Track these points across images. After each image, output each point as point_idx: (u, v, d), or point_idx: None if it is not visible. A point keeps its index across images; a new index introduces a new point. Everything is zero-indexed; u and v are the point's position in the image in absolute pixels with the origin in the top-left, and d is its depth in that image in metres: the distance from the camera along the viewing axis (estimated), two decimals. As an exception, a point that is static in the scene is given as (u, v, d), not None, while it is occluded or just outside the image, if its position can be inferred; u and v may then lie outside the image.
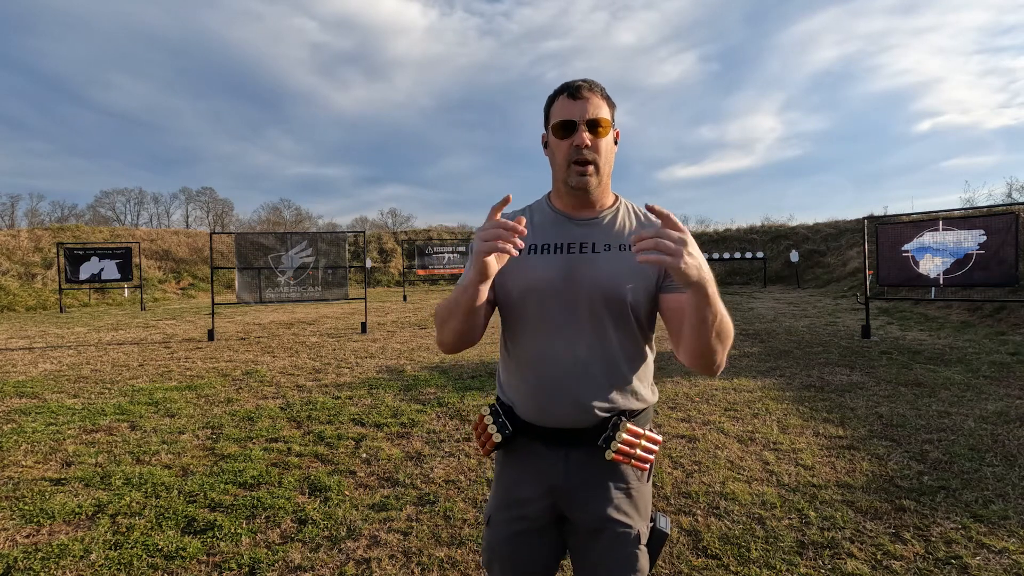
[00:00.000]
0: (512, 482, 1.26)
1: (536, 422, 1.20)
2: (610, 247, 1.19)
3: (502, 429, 1.22)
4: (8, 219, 45.40)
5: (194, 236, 24.76)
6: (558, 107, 1.18)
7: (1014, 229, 7.13)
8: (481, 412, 1.28)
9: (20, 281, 16.88)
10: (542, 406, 1.18)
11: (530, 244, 1.22)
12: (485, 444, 1.25)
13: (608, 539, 1.19)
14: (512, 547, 1.25)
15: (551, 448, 1.21)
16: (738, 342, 8.05)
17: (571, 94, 1.16)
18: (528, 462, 1.24)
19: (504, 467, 1.29)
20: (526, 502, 1.24)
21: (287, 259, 10.00)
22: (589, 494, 1.20)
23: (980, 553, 2.39)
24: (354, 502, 3.00)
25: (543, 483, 1.22)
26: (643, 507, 1.24)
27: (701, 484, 3.15)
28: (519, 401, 1.23)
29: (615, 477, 1.20)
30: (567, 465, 1.20)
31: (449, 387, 5.52)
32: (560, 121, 1.16)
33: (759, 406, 4.68)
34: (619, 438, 1.16)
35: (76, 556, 2.46)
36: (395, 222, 49.17)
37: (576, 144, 1.14)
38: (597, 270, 1.17)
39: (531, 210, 1.30)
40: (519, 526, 1.24)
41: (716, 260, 21.97)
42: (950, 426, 4.03)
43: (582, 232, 1.21)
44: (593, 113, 1.15)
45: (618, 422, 1.17)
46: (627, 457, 1.16)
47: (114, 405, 4.97)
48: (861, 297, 8.84)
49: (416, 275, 23.30)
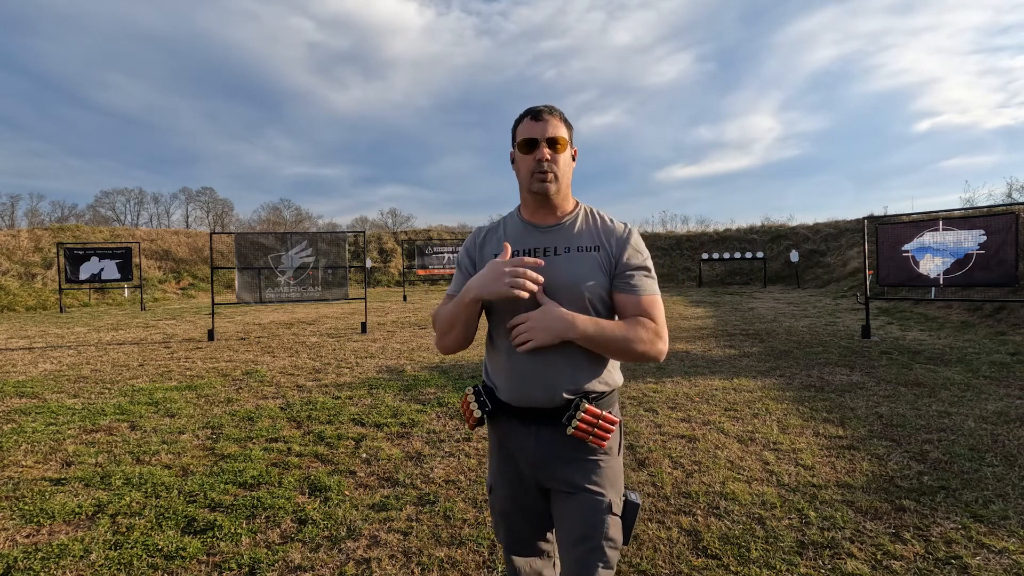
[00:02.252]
0: (501, 455, 1.47)
1: (513, 402, 1.39)
2: (569, 249, 1.39)
3: (482, 407, 1.42)
4: (8, 219, 45.42)
5: (194, 236, 24.76)
6: (523, 128, 1.39)
7: (1014, 229, 7.13)
8: (466, 391, 1.47)
9: (20, 281, 16.88)
10: (518, 389, 1.37)
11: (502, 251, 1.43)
12: (468, 419, 1.45)
13: (579, 503, 1.36)
14: (513, 508, 1.47)
15: (525, 425, 1.39)
16: (738, 342, 8.05)
17: (534, 116, 1.38)
18: (507, 437, 1.44)
19: (493, 441, 1.50)
20: (513, 472, 1.44)
21: (287, 259, 10.00)
22: (559, 464, 1.38)
23: (980, 553, 2.39)
24: (354, 502, 2.99)
25: (522, 455, 1.41)
26: (615, 479, 1.40)
27: (701, 484, 3.15)
28: (499, 383, 1.41)
29: (581, 450, 1.37)
30: (538, 440, 1.38)
31: (449, 387, 5.52)
32: (524, 139, 1.37)
33: (759, 406, 4.68)
34: (579, 416, 1.32)
35: (76, 556, 2.46)
36: (395, 222, 49.19)
37: (538, 159, 1.35)
38: (560, 271, 1.36)
39: (504, 221, 1.51)
40: (514, 490, 1.45)
41: (716, 260, 21.98)
42: (950, 426, 4.03)
43: (547, 238, 1.41)
44: (552, 132, 1.36)
45: (579, 403, 1.33)
46: (585, 434, 1.32)
47: (114, 405, 4.97)
48: (861, 297, 8.84)
49: (416, 275, 23.29)
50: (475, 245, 1.50)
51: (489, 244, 1.47)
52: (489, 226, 1.52)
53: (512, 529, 1.48)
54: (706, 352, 7.31)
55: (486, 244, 1.48)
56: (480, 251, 1.48)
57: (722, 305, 13.82)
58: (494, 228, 1.50)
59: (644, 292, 1.36)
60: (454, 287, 1.48)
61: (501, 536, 1.52)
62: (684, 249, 24.94)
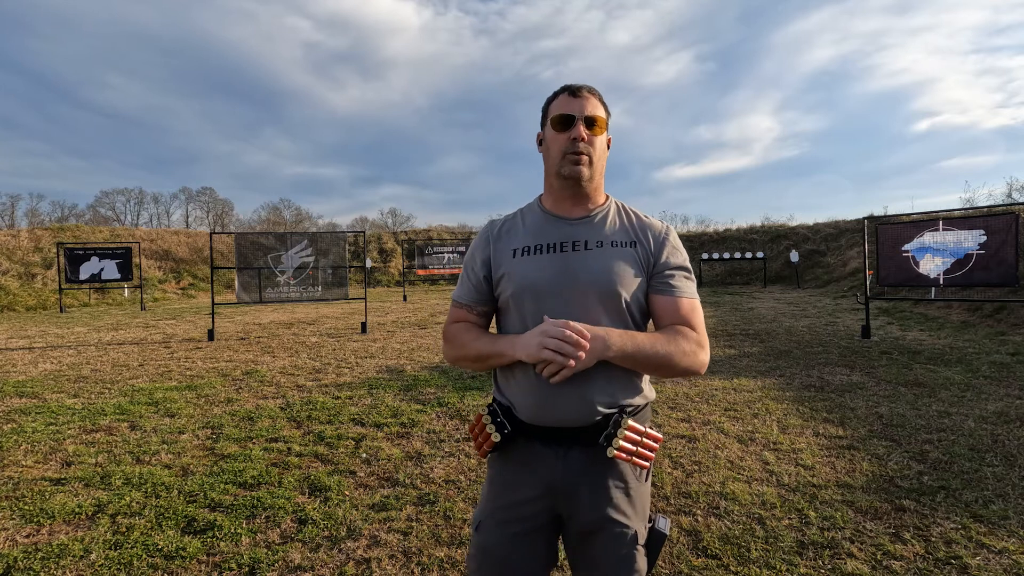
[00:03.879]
0: (509, 483, 1.25)
1: (535, 421, 1.20)
2: (602, 244, 1.22)
3: (501, 428, 1.21)
4: (8, 219, 45.43)
5: (194, 236, 24.76)
6: (558, 103, 1.24)
7: (1014, 229, 7.13)
8: (479, 413, 1.27)
9: (20, 281, 16.88)
10: (542, 404, 1.18)
11: (523, 245, 1.25)
12: (483, 445, 1.24)
13: (606, 539, 1.19)
14: (507, 550, 1.22)
15: (550, 447, 1.20)
16: (738, 342, 8.05)
17: (572, 92, 1.23)
18: (526, 462, 1.23)
19: (500, 469, 1.28)
20: (523, 503, 1.23)
21: (287, 259, 10.00)
22: (587, 493, 1.19)
23: (980, 553, 2.39)
24: (354, 502, 2.99)
25: (541, 483, 1.21)
26: (641, 507, 1.24)
27: (701, 484, 3.15)
28: (518, 401, 1.22)
29: (614, 476, 1.20)
30: (566, 464, 1.20)
31: (449, 387, 5.52)
32: (560, 115, 1.21)
33: (759, 406, 4.68)
34: (621, 435, 1.15)
35: (76, 556, 2.46)
36: (395, 222, 49.15)
37: (573, 137, 1.20)
38: (591, 266, 1.20)
39: (522, 213, 1.33)
40: (515, 528, 1.23)
41: (716, 260, 21.97)
42: (950, 426, 4.03)
43: (574, 230, 1.24)
44: (591, 111, 1.21)
45: (619, 419, 1.17)
46: (629, 455, 1.16)
47: (114, 405, 4.97)
48: (861, 297, 8.83)
49: (416, 275, 23.29)
50: (488, 242, 1.31)
51: (507, 239, 1.29)
52: (505, 219, 1.34)
53: (502, 571, 1.23)
54: (706, 352, 7.30)
55: (503, 239, 1.29)
56: (495, 247, 1.29)
57: (722, 305, 13.82)
58: (511, 221, 1.32)
59: (685, 295, 1.23)
60: (463, 294, 1.33)
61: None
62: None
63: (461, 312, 1.33)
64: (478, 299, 1.31)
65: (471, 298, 1.31)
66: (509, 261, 1.25)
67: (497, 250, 1.28)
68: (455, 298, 1.35)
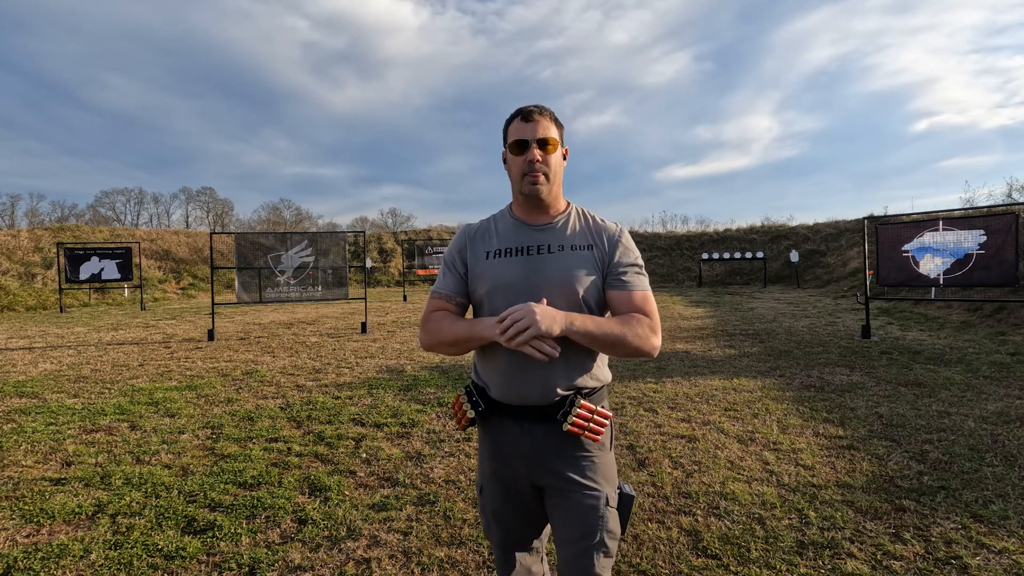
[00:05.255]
0: (491, 454, 1.47)
1: (505, 400, 1.39)
2: (563, 247, 1.40)
3: (475, 407, 1.42)
4: (8, 219, 45.44)
5: (194, 236, 24.76)
6: (513, 129, 1.40)
7: (1014, 229, 7.13)
8: (458, 392, 1.45)
9: (20, 281, 16.88)
10: (510, 385, 1.38)
11: (496, 248, 1.43)
12: (461, 420, 1.45)
13: (577, 499, 1.37)
14: (504, 509, 1.47)
15: (518, 423, 1.40)
16: (738, 342, 8.05)
17: (524, 117, 1.38)
18: (500, 436, 1.43)
19: (483, 441, 1.50)
20: (503, 470, 1.45)
21: (287, 259, 10.00)
22: (554, 461, 1.38)
23: (980, 553, 2.39)
24: (354, 502, 2.99)
25: (515, 454, 1.41)
26: (608, 473, 1.42)
27: (701, 484, 3.15)
28: (492, 383, 1.42)
29: (576, 447, 1.39)
30: (532, 437, 1.39)
31: (449, 387, 5.52)
32: (515, 140, 1.38)
33: (759, 406, 4.68)
34: (575, 412, 1.34)
35: (76, 556, 2.46)
36: (395, 222, 49.18)
37: (529, 160, 1.36)
38: (553, 268, 1.38)
39: (495, 219, 1.51)
40: (506, 489, 1.46)
41: (716, 260, 21.98)
42: (950, 426, 4.03)
43: (539, 236, 1.42)
44: (543, 133, 1.37)
45: (574, 399, 1.35)
46: (581, 429, 1.34)
47: (114, 405, 4.97)
48: (861, 297, 8.83)
49: (416, 275, 23.29)
50: (464, 243, 1.48)
51: (480, 242, 1.47)
52: (479, 224, 1.52)
53: (505, 527, 1.48)
54: (706, 352, 7.31)
55: (477, 241, 1.47)
56: (471, 248, 1.47)
57: (722, 305, 13.82)
58: (485, 226, 1.50)
59: (637, 288, 1.39)
60: (444, 286, 1.47)
61: (493, 535, 1.52)
62: (684, 249, 24.93)
63: (440, 302, 1.47)
64: (458, 291, 1.47)
65: (453, 289, 1.47)
66: (483, 262, 1.43)
67: (472, 251, 1.46)
68: (436, 290, 1.49)
